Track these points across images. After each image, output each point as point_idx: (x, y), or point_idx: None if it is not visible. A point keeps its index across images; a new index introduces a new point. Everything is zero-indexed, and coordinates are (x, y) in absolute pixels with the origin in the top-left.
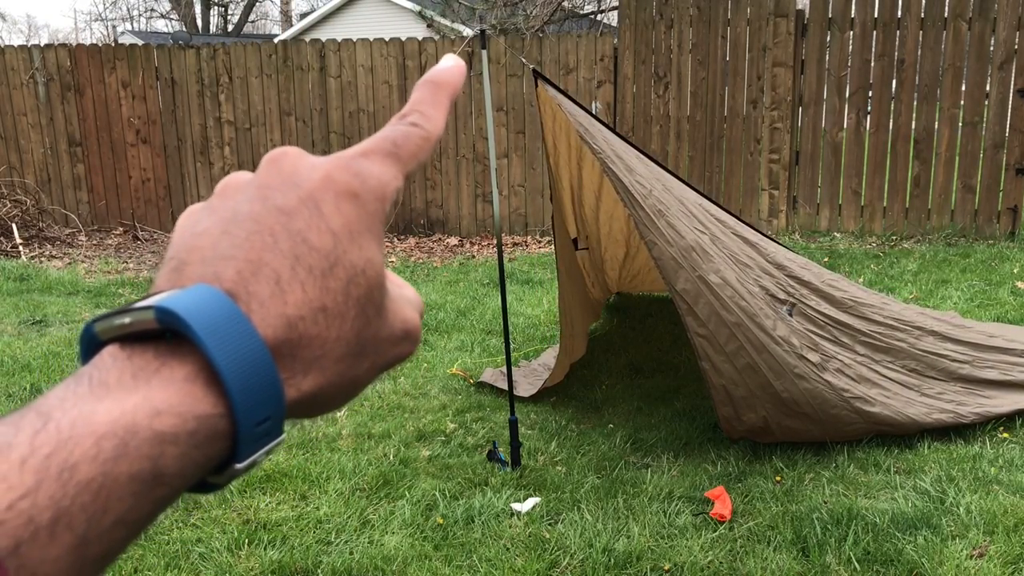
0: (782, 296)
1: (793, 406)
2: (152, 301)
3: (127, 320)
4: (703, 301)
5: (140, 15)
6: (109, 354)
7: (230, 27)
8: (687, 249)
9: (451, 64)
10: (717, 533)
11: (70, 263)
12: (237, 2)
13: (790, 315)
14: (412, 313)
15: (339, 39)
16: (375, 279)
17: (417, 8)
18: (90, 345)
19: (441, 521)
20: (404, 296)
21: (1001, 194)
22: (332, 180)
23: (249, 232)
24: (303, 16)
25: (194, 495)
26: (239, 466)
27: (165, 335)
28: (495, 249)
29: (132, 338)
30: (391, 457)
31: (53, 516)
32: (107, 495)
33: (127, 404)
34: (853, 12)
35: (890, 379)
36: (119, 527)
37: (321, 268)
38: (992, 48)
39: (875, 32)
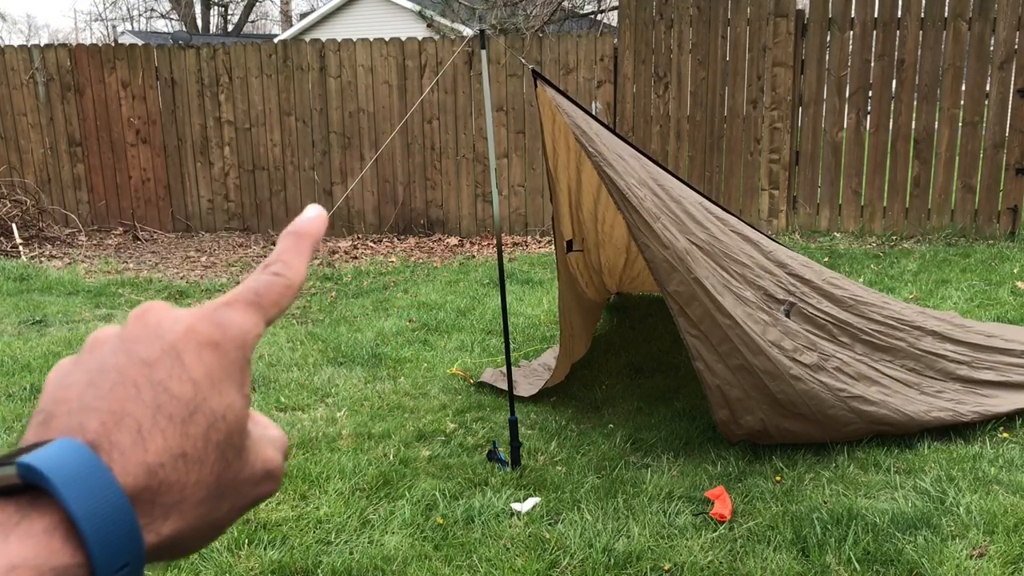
0: (781, 295)
1: (790, 407)
2: (14, 459)
3: None
4: (696, 303)
5: (140, 15)
6: None
7: (230, 27)
8: (682, 252)
9: (313, 215)
10: (717, 533)
11: (70, 263)
12: (237, 2)
13: (787, 315)
14: (274, 453)
15: (339, 39)
16: (235, 423)
17: (417, 8)
18: None
19: (441, 521)
20: (267, 436)
21: (1001, 194)
22: (194, 331)
23: (113, 383)
24: (303, 16)
25: None
26: None
27: (31, 489)
28: (495, 249)
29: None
30: (391, 457)
31: None
32: None
33: None
34: (853, 12)
35: (890, 377)
36: None
37: (181, 416)
38: (992, 48)
39: (875, 32)
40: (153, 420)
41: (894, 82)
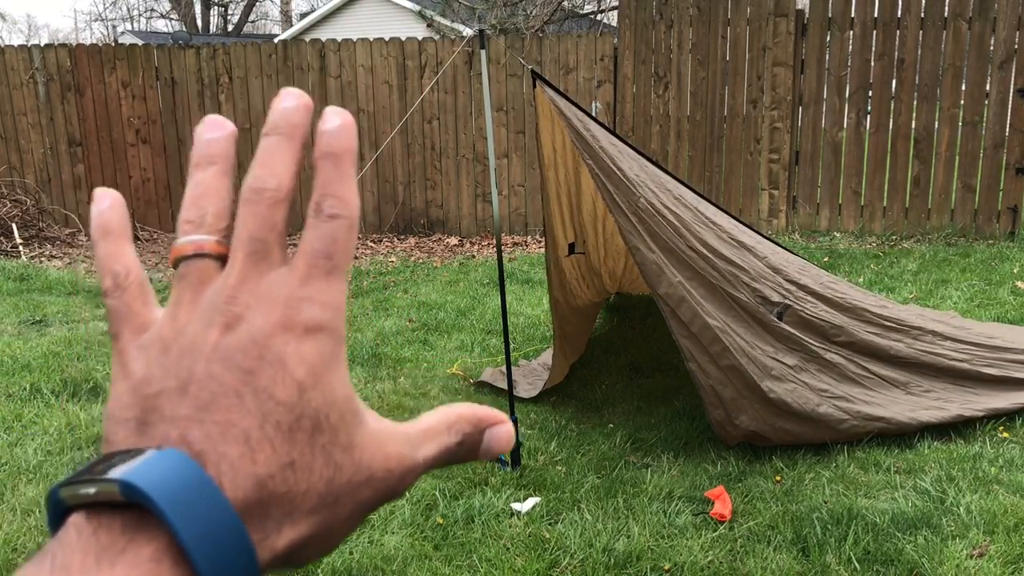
0: (776, 298)
1: (782, 406)
2: (118, 474)
3: (92, 491)
4: (686, 305)
5: (140, 15)
6: (74, 527)
7: (230, 27)
8: (673, 255)
9: (338, 123)
10: (717, 533)
11: (70, 263)
12: (237, 2)
13: (780, 317)
14: (399, 449)
15: (339, 39)
16: (340, 422)
17: (417, 8)
18: (57, 508)
19: (441, 521)
20: (389, 433)
21: (1001, 194)
22: (290, 325)
23: (213, 393)
24: (303, 16)
25: None
26: None
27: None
28: (495, 249)
29: (100, 504)
30: None
31: None
32: None
33: None
34: (853, 12)
35: (878, 378)
36: None
37: (288, 422)
38: (992, 48)
39: (875, 32)
40: (261, 429)
41: (894, 82)
